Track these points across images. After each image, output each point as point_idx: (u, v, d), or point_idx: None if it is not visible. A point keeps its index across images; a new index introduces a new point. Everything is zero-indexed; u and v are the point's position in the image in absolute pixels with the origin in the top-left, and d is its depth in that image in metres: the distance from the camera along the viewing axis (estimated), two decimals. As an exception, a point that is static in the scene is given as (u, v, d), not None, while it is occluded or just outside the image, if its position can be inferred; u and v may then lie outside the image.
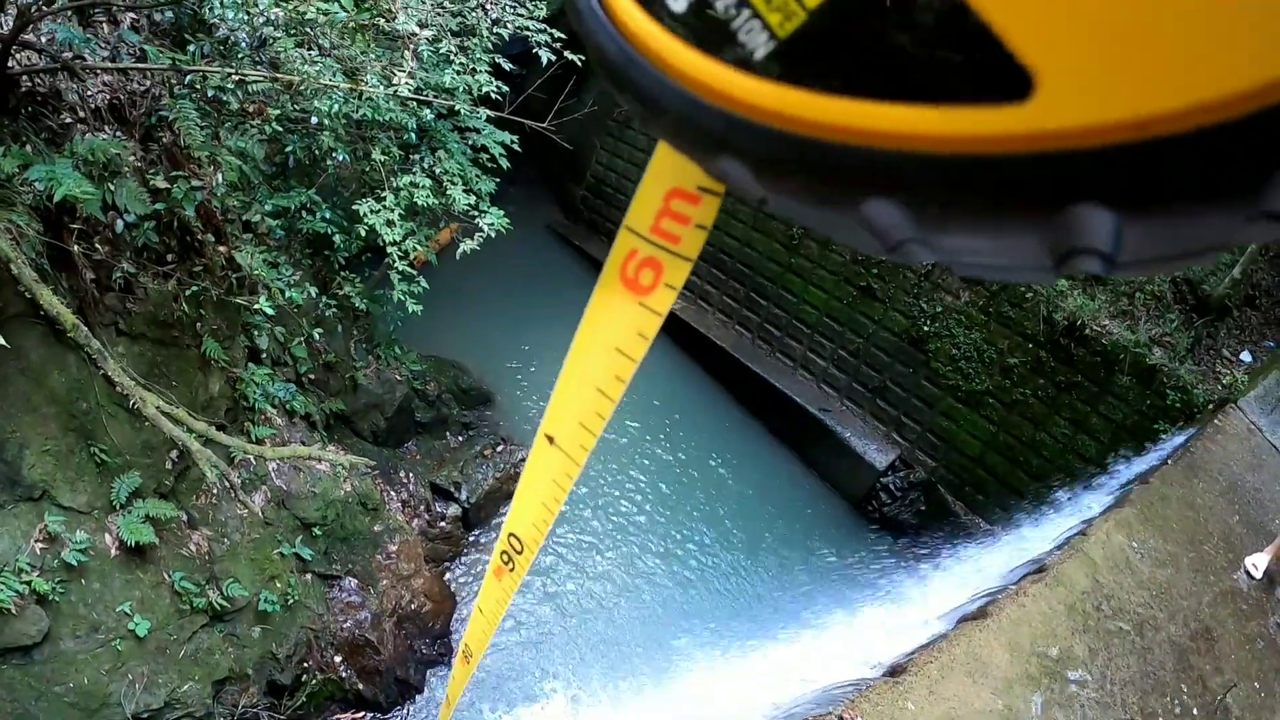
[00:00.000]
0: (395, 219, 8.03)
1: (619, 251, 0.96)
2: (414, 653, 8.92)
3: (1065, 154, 0.35)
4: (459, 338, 12.84)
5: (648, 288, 0.96)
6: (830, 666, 7.14)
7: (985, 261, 0.45)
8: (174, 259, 6.35)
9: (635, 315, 0.99)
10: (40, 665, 5.95)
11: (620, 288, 0.98)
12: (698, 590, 11.24)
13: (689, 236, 0.89)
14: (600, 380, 1.09)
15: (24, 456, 5.74)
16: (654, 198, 0.90)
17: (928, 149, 0.38)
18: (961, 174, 0.38)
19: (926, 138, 0.38)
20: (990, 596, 6.89)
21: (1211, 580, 7.66)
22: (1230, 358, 11.04)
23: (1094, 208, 0.36)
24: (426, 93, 7.92)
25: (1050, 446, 11.67)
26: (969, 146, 0.37)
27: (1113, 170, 0.35)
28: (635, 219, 0.93)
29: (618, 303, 1.00)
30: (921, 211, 0.40)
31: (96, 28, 5.92)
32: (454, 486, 10.60)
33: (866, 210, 0.42)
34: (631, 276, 0.96)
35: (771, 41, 0.41)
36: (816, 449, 13.68)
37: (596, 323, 1.04)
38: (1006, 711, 5.56)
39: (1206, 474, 8.82)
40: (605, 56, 0.49)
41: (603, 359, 1.06)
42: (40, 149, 5.26)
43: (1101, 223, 0.36)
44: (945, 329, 12.32)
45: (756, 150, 0.44)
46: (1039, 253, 0.40)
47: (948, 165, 0.38)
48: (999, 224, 0.39)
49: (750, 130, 0.43)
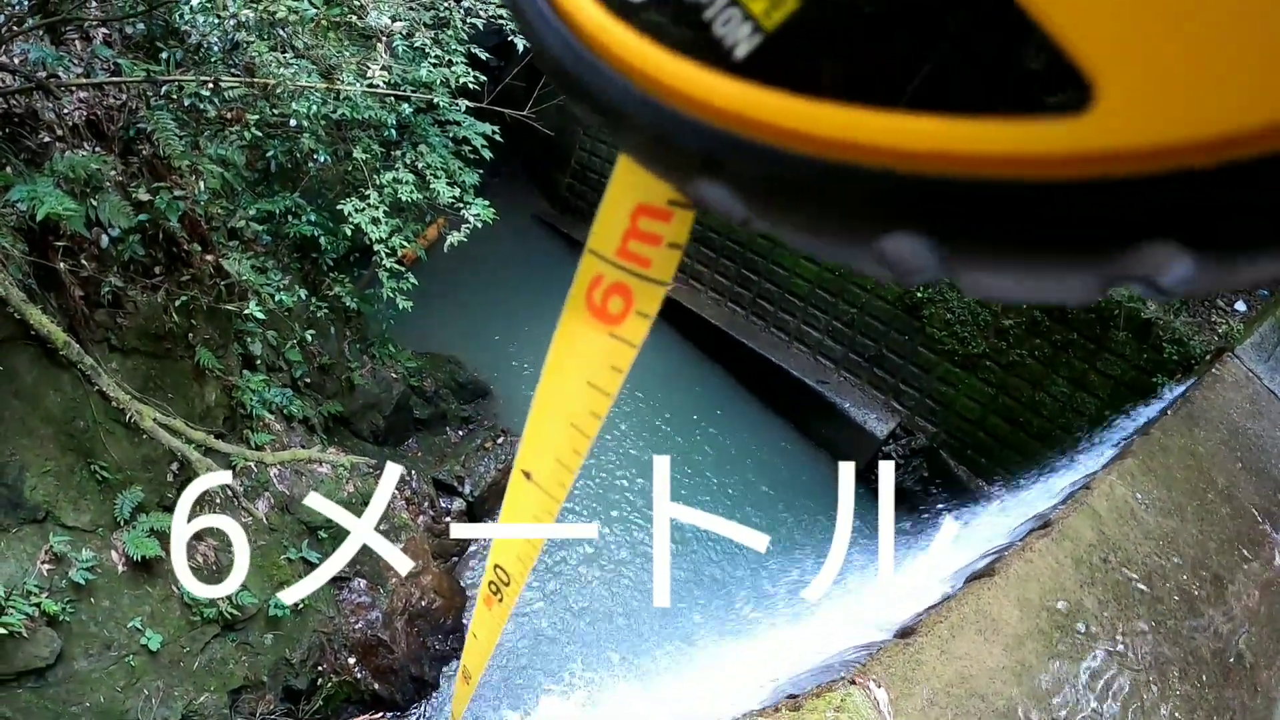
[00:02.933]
0: (380, 216, 7.99)
1: (583, 277, 0.87)
2: (427, 649, 8.94)
3: (1133, 181, 0.28)
4: (453, 332, 12.82)
5: (617, 316, 0.87)
6: (840, 632, 7.15)
7: (1019, 294, 0.36)
8: (162, 271, 6.32)
9: (606, 347, 0.90)
10: (55, 687, 5.95)
11: (588, 317, 0.88)
12: (703, 568, 11.27)
13: (660, 258, 0.80)
14: (574, 416, 0.99)
15: (24, 479, 5.72)
16: (619, 216, 0.80)
17: (964, 172, 0.31)
18: (1004, 203, 0.31)
19: (962, 158, 0.30)
20: (997, 554, 6.90)
21: (1217, 528, 7.68)
22: (1225, 307, 11.04)
23: (1166, 245, 0.29)
24: (404, 88, 7.86)
25: (1050, 406, 11.69)
26: (1014, 169, 0.30)
27: (1192, 200, 0.28)
28: (599, 241, 0.83)
29: (586, 333, 0.90)
30: (951, 245, 0.33)
31: (69, 45, 5.88)
32: (457, 481, 10.61)
33: (884, 246, 0.34)
34: (599, 305, 0.87)
35: (756, 35, 0.34)
36: (817, 421, 13.70)
37: (565, 355, 0.95)
38: (1019, 668, 5.57)
39: (1207, 423, 8.83)
40: (551, 57, 0.40)
41: (575, 393, 0.97)
42: (20, 169, 5.23)
43: (1172, 261, 0.29)
44: (939, 294, 12.31)
45: (745, 172, 0.36)
46: (1086, 285, 0.33)
47: (988, 192, 0.31)
48: (1045, 261, 0.32)
49: (737, 148, 0.35)
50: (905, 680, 5.05)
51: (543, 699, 9.30)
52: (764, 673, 7.29)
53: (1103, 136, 0.28)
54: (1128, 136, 0.27)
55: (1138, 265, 0.30)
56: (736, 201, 0.38)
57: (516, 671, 9.47)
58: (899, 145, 0.31)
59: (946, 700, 5.08)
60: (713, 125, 0.36)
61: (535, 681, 9.47)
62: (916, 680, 5.08)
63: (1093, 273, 0.32)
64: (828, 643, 6.86)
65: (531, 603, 10.10)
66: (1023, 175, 0.30)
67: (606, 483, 11.89)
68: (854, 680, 4.87)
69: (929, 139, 0.31)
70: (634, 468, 12.29)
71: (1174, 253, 0.29)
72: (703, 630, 10.43)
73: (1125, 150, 0.28)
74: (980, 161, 0.30)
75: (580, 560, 10.83)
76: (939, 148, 0.30)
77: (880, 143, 0.31)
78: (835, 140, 0.32)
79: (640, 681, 9.67)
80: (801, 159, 0.33)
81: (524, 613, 9.93)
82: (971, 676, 5.32)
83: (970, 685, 5.26)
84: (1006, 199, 0.30)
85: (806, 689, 5.33)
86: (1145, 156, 0.27)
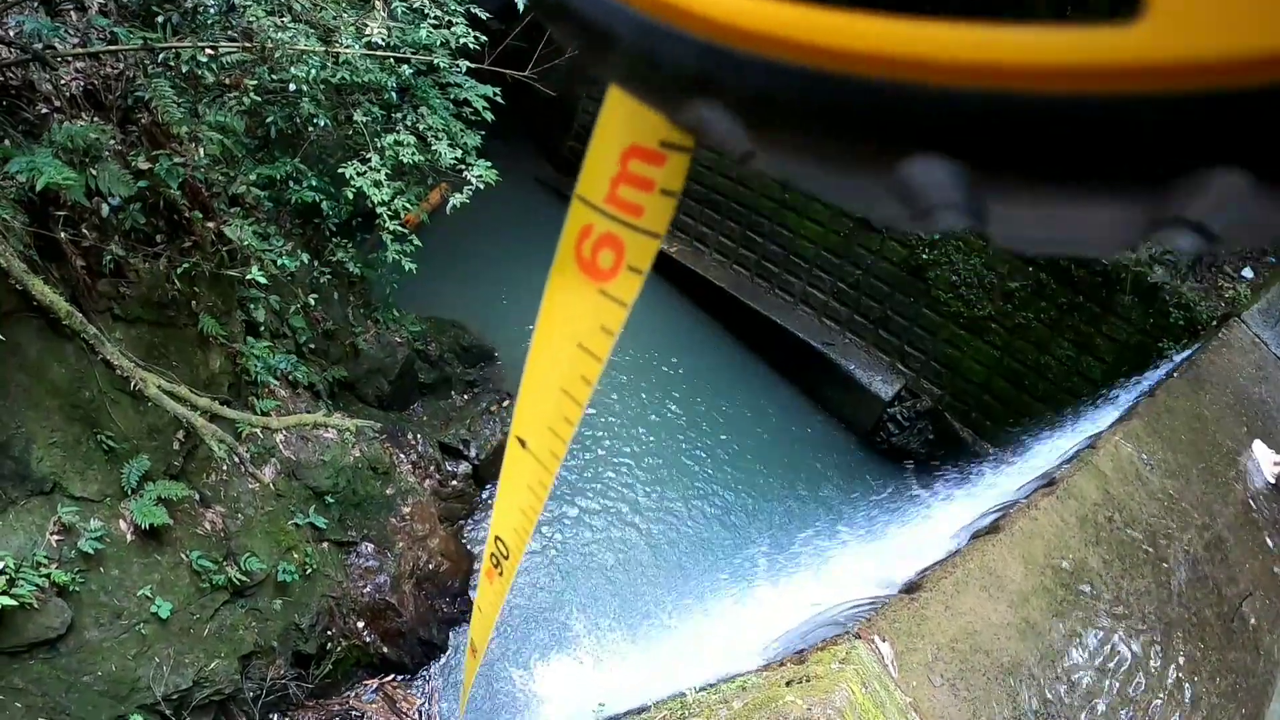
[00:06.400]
0: (382, 179, 7.94)
1: (572, 227, 0.82)
2: (435, 612, 9.02)
3: (1190, 98, 0.25)
4: (457, 297, 12.81)
5: (608, 272, 0.81)
6: (846, 587, 7.20)
7: (1050, 237, 0.32)
8: (163, 239, 6.30)
9: (596, 305, 0.83)
10: (67, 657, 6.01)
11: (576, 272, 0.83)
12: (710, 529, 11.35)
13: (653, 206, 0.74)
14: (565, 381, 0.94)
15: (31, 451, 5.75)
16: (608, 158, 0.74)
17: (1000, 85, 0.27)
18: (1045, 121, 0.27)
19: (1000, 70, 0.27)
20: (1002, 510, 6.91)
21: (1222, 490, 7.69)
22: (1232, 274, 10.97)
23: (1230, 175, 0.25)
24: (403, 50, 7.78)
25: (1055, 369, 11.68)
26: (1056, 83, 0.26)
27: (1258, 122, 0.24)
28: (587, 185, 0.78)
29: (575, 289, 0.84)
30: (984, 172, 0.29)
31: (64, 16, 5.82)
32: (462, 444, 10.64)
33: (907, 173, 0.30)
34: (589, 258, 0.82)
35: None
36: (822, 384, 13.71)
37: (554, 314, 0.89)
38: (1023, 624, 5.61)
39: (1212, 386, 8.82)
40: None
41: (566, 357, 0.91)
42: (18, 141, 5.20)
43: (1234, 196, 0.26)
44: (944, 256, 12.26)
45: (748, 91, 0.33)
46: (1129, 223, 0.29)
47: (1026, 109, 0.27)
48: (1086, 191, 0.28)
49: (739, 65, 0.32)
50: (910, 635, 5.09)
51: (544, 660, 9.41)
52: (768, 631, 7.35)
53: (1156, 46, 0.25)
54: (1184, 47, 0.24)
55: (1193, 200, 0.27)
56: (736, 127, 0.35)
57: (520, 631, 9.58)
58: (929, 56, 0.28)
59: (951, 655, 5.12)
60: (707, 40, 0.33)
61: (535, 642, 9.58)
62: (921, 635, 5.12)
63: (1140, 208, 0.28)
64: (832, 599, 6.91)
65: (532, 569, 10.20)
66: (1064, 89, 0.26)
67: (606, 442, 11.97)
68: (859, 635, 4.89)
69: (964, 49, 0.27)
70: (639, 426, 12.36)
71: (1238, 185, 0.26)
72: (708, 589, 10.52)
73: (1182, 63, 0.24)
74: (1020, 74, 0.27)
75: (581, 519, 10.93)
76: (975, 58, 0.27)
77: (911, 54, 0.28)
78: (861, 52, 0.29)
79: (642, 642, 9.77)
80: (818, 75, 0.30)
81: (523, 569, 10.01)
82: (976, 632, 5.36)
83: (975, 641, 5.30)
84: (1047, 116, 0.27)
85: (812, 644, 5.37)
86: (1206, 70, 0.24)
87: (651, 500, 11.45)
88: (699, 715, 5.06)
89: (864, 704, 4.12)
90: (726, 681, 5.70)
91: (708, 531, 11.35)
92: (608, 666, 9.40)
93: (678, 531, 11.20)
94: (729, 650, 7.37)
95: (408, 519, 9.02)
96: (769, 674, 5.25)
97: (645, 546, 10.93)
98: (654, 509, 11.38)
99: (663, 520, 11.30)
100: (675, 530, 11.20)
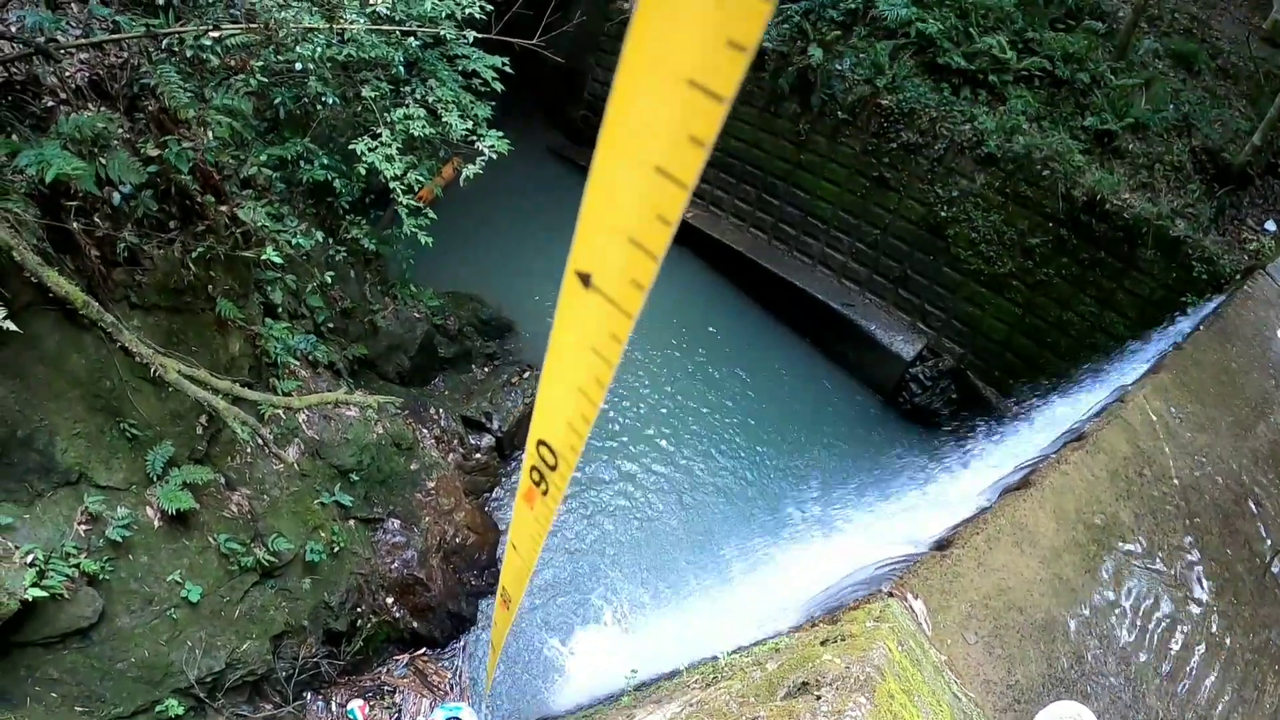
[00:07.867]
0: (394, 153, 7.89)
1: None
2: (463, 585, 9.07)
3: None
4: (473, 270, 12.80)
5: None
6: (878, 546, 7.16)
7: None
8: (176, 224, 6.27)
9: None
10: (100, 645, 6.06)
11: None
12: (735, 492, 11.36)
13: None
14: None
15: (55, 443, 5.77)
16: None
17: None
18: None
19: None
20: (1032, 465, 6.82)
21: (1251, 443, 7.58)
22: (1255, 227, 10.79)
23: None
24: (409, 24, 7.69)
25: (1078, 325, 11.54)
26: None
27: None
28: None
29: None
30: None
31: (66, 8, 5.79)
32: (485, 417, 10.65)
33: None
34: None
35: None
36: (843, 345, 13.63)
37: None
38: (1056, 580, 5.54)
39: (1240, 339, 8.68)
40: None
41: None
42: (26, 135, 5.18)
43: None
44: (963, 213, 12.10)
45: None
46: None
47: None
48: None
49: None
50: (943, 593, 5.03)
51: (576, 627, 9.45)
52: (800, 591, 7.33)
53: None
54: None
55: None
56: None
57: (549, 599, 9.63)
58: None
59: (985, 613, 5.07)
60: None
61: (564, 609, 9.63)
62: (954, 593, 5.06)
63: None
64: (862, 559, 6.86)
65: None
66: None
67: (632, 408, 11.98)
68: (891, 593, 4.85)
69: None
70: (662, 390, 12.36)
71: None
72: (735, 554, 10.53)
73: None
74: None
75: (607, 484, 10.96)
76: None
77: None
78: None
79: (672, 607, 9.80)
80: None
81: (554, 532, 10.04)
82: (1009, 589, 5.30)
83: (1008, 597, 5.24)
84: None
85: (845, 603, 5.34)
86: None
87: (676, 467, 11.46)
88: (732, 678, 5.04)
89: (901, 662, 4.08)
90: (759, 644, 5.69)
91: (733, 495, 11.37)
92: (639, 633, 9.43)
93: (704, 495, 11.23)
94: (758, 614, 7.35)
95: (433, 493, 9.04)
96: (802, 635, 5.22)
97: (675, 509, 10.98)
98: (680, 475, 11.40)
99: (690, 485, 11.34)
100: (702, 494, 11.23)
